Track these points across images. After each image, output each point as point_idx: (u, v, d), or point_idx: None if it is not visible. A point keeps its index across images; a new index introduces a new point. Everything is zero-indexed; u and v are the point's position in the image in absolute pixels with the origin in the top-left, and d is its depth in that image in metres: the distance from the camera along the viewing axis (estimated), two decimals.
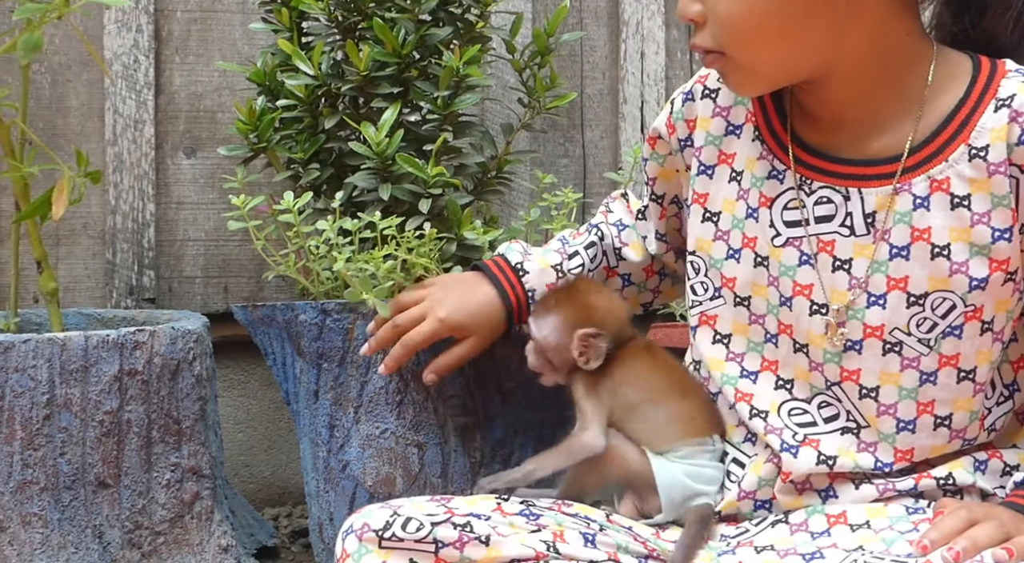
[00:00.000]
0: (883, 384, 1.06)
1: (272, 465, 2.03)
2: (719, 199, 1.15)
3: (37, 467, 1.47)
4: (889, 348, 1.06)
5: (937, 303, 1.04)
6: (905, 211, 1.05)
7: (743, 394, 1.13)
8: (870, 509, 1.07)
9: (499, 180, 1.76)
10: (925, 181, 1.05)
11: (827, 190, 1.08)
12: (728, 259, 1.14)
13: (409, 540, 1.02)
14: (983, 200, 1.03)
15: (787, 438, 1.09)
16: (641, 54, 2.12)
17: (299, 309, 1.53)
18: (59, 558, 1.48)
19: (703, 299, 1.17)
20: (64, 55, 1.94)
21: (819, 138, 1.10)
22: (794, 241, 1.10)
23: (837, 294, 1.08)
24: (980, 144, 1.03)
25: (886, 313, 1.06)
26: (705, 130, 1.16)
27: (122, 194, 1.94)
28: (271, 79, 1.70)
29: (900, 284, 1.05)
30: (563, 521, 1.09)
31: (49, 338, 1.48)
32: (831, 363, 1.08)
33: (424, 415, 1.51)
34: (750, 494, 1.12)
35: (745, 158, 1.14)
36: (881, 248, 1.06)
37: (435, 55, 1.66)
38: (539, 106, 1.76)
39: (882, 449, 1.07)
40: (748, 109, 1.15)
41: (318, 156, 1.67)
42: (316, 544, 1.63)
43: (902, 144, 1.06)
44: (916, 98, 1.06)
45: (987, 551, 0.94)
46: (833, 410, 1.09)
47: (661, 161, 1.24)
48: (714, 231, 1.15)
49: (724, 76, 1.09)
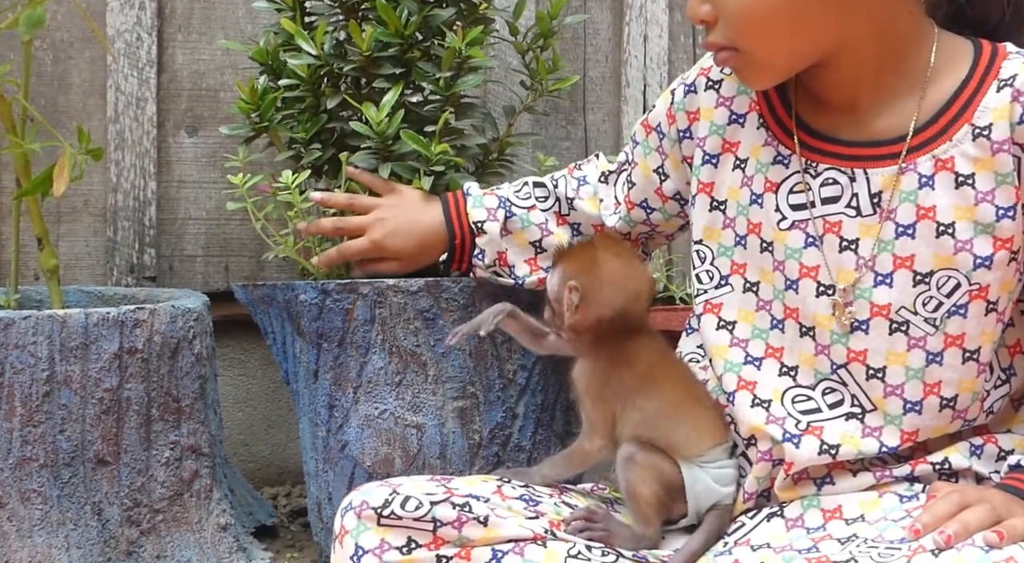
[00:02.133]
0: (890, 364, 1.06)
1: (271, 445, 2.04)
2: (724, 187, 1.16)
3: (37, 444, 1.48)
4: (896, 327, 1.06)
5: (942, 281, 1.05)
6: (911, 190, 1.06)
7: (746, 382, 1.12)
8: (864, 503, 1.07)
9: (501, 162, 1.76)
10: (930, 160, 1.06)
11: (833, 171, 1.09)
12: (737, 246, 1.14)
13: (408, 518, 1.03)
14: (987, 179, 1.04)
15: (789, 427, 1.09)
16: (644, 37, 2.11)
17: (299, 289, 1.53)
18: (58, 535, 1.48)
19: (708, 287, 1.17)
20: (66, 32, 1.94)
21: (824, 121, 1.11)
22: (800, 224, 1.10)
23: (844, 274, 1.08)
24: (983, 123, 1.04)
25: (893, 292, 1.06)
26: (709, 120, 1.17)
27: (123, 172, 1.94)
28: (273, 58, 1.69)
29: (906, 262, 1.06)
30: (562, 511, 1.10)
31: (49, 315, 1.48)
32: (838, 344, 1.08)
33: (423, 397, 1.51)
34: (752, 495, 1.13)
35: (750, 145, 1.14)
36: (887, 227, 1.07)
37: (438, 36, 1.65)
38: (541, 89, 1.75)
39: (888, 432, 1.07)
40: (751, 98, 1.15)
41: (320, 136, 1.67)
42: (315, 523, 1.64)
43: (906, 125, 1.07)
44: (919, 79, 1.07)
45: (978, 534, 0.95)
46: (838, 396, 1.09)
47: (648, 151, 1.25)
48: (722, 219, 1.16)
49: (738, 71, 1.09)
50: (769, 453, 1.11)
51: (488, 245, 1.37)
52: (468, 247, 1.38)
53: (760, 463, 1.11)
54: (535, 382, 1.55)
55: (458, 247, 1.39)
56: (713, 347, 1.15)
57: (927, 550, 0.95)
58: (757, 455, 1.11)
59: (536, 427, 1.56)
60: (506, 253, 1.37)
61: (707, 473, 1.12)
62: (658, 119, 1.23)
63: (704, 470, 1.13)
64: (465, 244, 1.38)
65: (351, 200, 1.47)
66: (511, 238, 1.37)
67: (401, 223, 1.42)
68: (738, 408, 1.13)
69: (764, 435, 1.11)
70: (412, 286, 1.50)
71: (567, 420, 1.61)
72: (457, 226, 1.39)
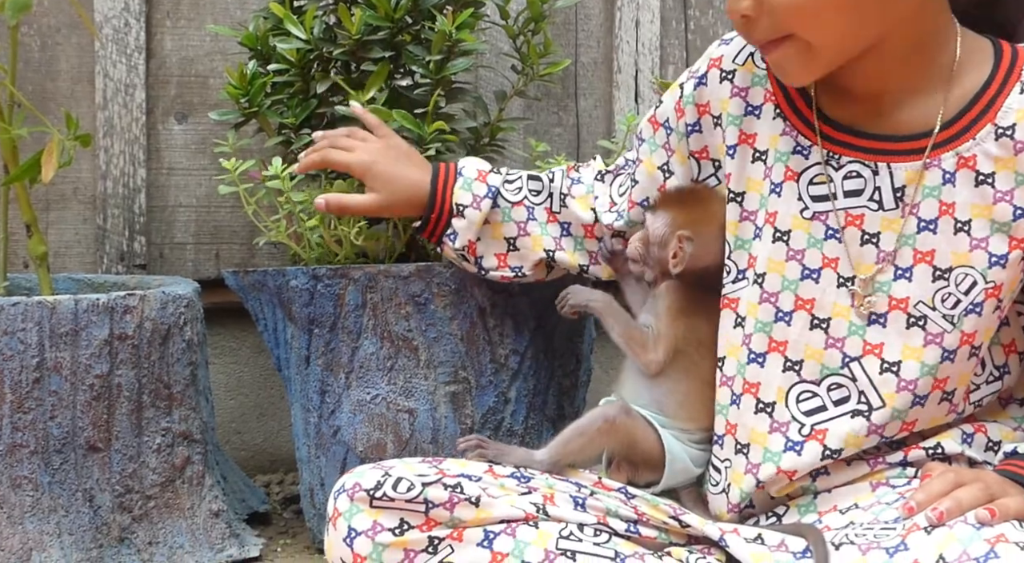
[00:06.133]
0: (905, 359, 1.06)
1: (264, 432, 2.03)
2: (743, 179, 1.15)
3: (27, 430, 1.47)
4: (913, 322, 1.06)
5: (960, 278, 1.06)
6: (935, 186, 1.07)
7: (750, 384, 1.12)
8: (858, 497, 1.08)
9: (492, 147, 1.75)
10: (953, 157, 1.06)
11: (856, 164, 1.09)
12: (755, 238, 1.14)
13: (400, 500, 1.03)
14: (1007, 178, 1.05)
15: (792, 434, 1.09)
16: (636, 22, 2.10)
17: (290, 274, 1.52)
18: (49, 521, 1.48)
19: (726, 282, 1.16)
20: (54, 17, 1.92)
21: (845, 114, 1.11)
22: (820, 215, 1.10)
23: (864, 267, 1.08)
24: (1007, 124, 1.05)
25: (912, 286, 1.06)
26: (725, 111, 1.16)
27: (113, 159, 1.93)
28: (263, 43, 1.68)
29: (927, 257, 1.06)
30: (554, 484, 1.10)
31: (39, 301, 1.47)
32: (855, 336, 1.08)
33: (415, 381, 1.51)
34: (736, 506, 1.12)
35: (768, 136, 1.14)
36: (909, 222, 1.07)
37: (428, 20, 1.64)
38: (533, 73, 1.75)
39: (891, 427, 1.08)
40: (767, 89, 1.14)
41: (310, 121, 1.66)
42: (307, 509, 1.63)
43: (930, 120, 1.07)
44: (945, 75, 1.08)
45: (971, 511, 0.95)
46: (844, 392, 1.09)
47: (654, 148, 1.24)
48: (740, 211, 1.15)
49: (785, 63, 1.06)
50: (756, 468, 1.10)
51: (463, 230, 1.35)
52: (443, 224, 1.36)
53: (747, 476, 1.11)
54: (527, 366, 1.55)
55: (433, 220, 1.36)
56: (729, 346, 1.14)
57: (920, 528, 0.95)
58: (746, 465, 1.11)
59: (528, 411, 1.56)
60: (477, 243, 1.36)
61: (688, 450, 1.15)
62: (666, 114, 1.22)
63: (687, 448, 1.15)
64: (441, 220, 1.36)
65: (350, 131, 1.42)
66: (488, 227, 1.35)
67: (388, 166, 1.37)
68: (742, 413, 1.12)
69: (759, 446, 1.10)
70: (403, 271, 1.49)
71: (559, 404, 1.61)
72: (440, 200, 1.35)
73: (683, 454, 1.15)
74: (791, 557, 1.02)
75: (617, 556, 1.04)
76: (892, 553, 0.94)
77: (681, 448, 1.15)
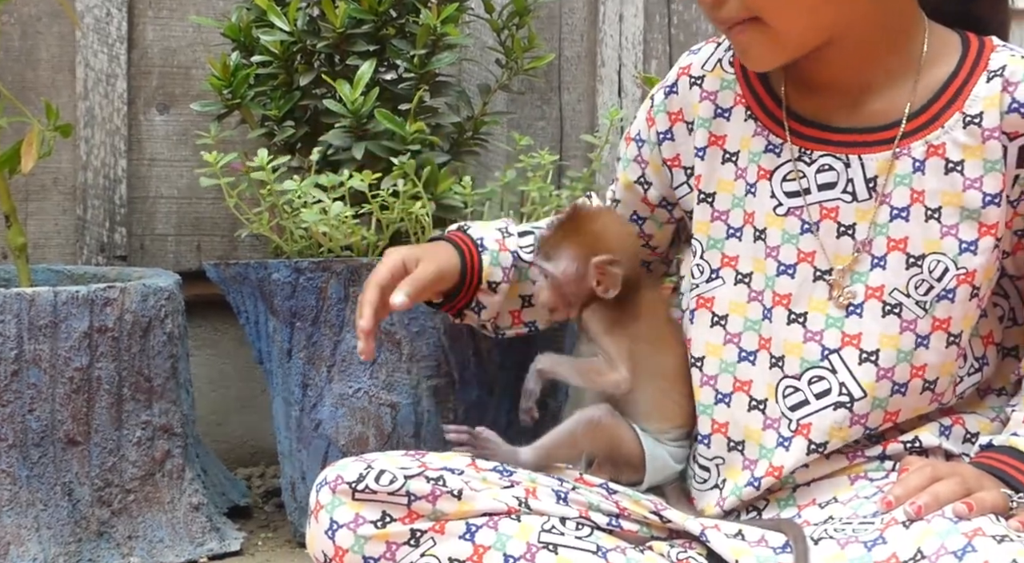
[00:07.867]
0: (883, 348, 1.07)
1: (245, 425, 2.03)
2: (713, 180, 1.16)
3: (5, 423, 1.46)
4: (889, 309, 1.07)
5: (933, 265, 1.07)
6: (905, 174, 1.08)
7: (740, 382, 1.12)
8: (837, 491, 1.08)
9: (475, 141, 1.75)
10: (923, 146, 1.07)
11: (828, 158, 1.10)
12: (729, 238, 1.14)
13: (382, 492, 1.03)
14: (976, 166, 1.06)
15: (783, 430, 1.10)
16: (620, 17, 2.11)
17: (272, 267, 1.52)
18: (27, 515, 1.47)
19: (700, 281, 1.16)
20: (34, 7, 1.91)
21: (814, 107, 1.12)
22: (795, 210, 1.11)
23: (840, 258, 1.09)
24: (974, 112, 1.06)
25: (887, 274, 1.07)
26: (695, 115, 1.17)
27: (93, 149, 1.92)
28: (246, 35, 1.68)
29: (900, 245, 1.07)
30: (536, 478, 1.10)
31: (17, 293, 1.46)
32: (833, 328, 1.09)
33: (397, 375, 1.51)
34: (727, 501, 1.12)
35: (739, 138, 1.15)
36: (882, 211, 1.08)
37: (412, 13, 1.64)
38: (517, 67, 1.75)
39: (873, 417, 1.08)
40: (736, 92, 1.15)
41: (293, 113, 1.66)
42: (288, 503, 1.63)
43: (899, 110, 1.08)
44: (912, 65, 1.09)
45: (948, 505, 0.96)
46: (824, 385, 1.09)
47: (626, 164, 1.24)
48: (710, 212, 1.16)
49: (750, 48, 1.07)
50: (753, 464, 1.11)
51: (493, 304, 1.28)
52: (469, 298, 1.28)
53: (744, 471, 1.11)
54: (510, 359, 1.55)
55: (461, 293, 1.27)
56: (708, 345, 1.14)
57: (898, 522, 0.96)
58: (743, 461, 1.11)
59: (512, 405, 1.56)
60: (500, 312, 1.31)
61: (666, 449, 1.15)
62: (638, 127, 1.23)
63: (665, 446, 1.15)
64: (468, 294, 1.27)
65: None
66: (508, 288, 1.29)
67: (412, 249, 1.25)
68: (734, 411, 1.12)
69: (754, 443, 1.11)
70: None
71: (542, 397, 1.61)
72: (468, 274, 1.25)
73: (663, 452, 1.16)
74: (771, 552, 1.02)
75: (599, 550, 1.04)
76: (870, 547, 0.94)
77: (660, 447, 1.16)
